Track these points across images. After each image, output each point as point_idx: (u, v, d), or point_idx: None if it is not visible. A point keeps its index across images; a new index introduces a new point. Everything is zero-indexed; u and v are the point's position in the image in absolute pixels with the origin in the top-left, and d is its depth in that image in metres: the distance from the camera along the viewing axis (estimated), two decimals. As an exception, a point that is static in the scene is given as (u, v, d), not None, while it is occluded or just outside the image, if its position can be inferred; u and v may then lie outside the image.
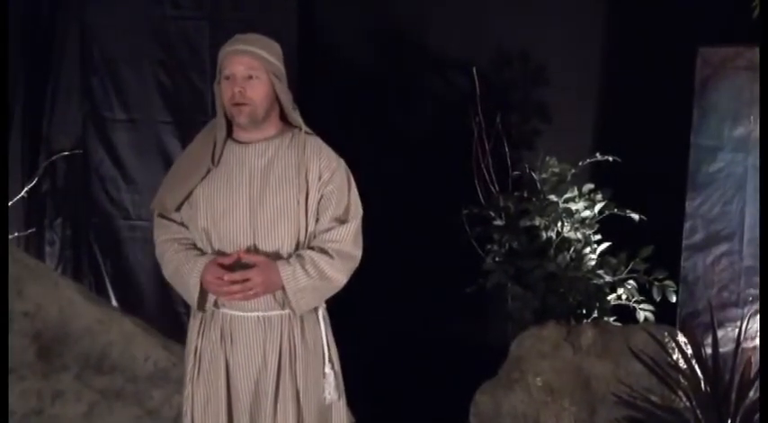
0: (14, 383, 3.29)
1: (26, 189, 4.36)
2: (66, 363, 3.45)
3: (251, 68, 2.55)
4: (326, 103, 4.46)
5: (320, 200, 2.63)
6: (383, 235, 4.06)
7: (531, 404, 3.54)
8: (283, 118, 2.69)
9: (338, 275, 2.61)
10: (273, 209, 2.58)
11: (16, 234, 4.32)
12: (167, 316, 4.39)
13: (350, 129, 4.37)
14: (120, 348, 3.51)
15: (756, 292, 3.71)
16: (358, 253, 2.67)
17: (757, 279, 3.70)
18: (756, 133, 3.68)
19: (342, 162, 2.69)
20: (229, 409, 2.62)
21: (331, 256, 2.58)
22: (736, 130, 3.75)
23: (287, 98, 2.63)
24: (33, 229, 4.46)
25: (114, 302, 4.40)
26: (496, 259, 4.02)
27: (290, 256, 2.58)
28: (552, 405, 3.51)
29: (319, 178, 2.62)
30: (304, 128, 2.66)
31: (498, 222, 4.03)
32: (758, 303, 3.69)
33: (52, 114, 4.49)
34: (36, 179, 4.42)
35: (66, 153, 4.48)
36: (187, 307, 4.37)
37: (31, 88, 4.45)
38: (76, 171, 4.52)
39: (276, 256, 2.58)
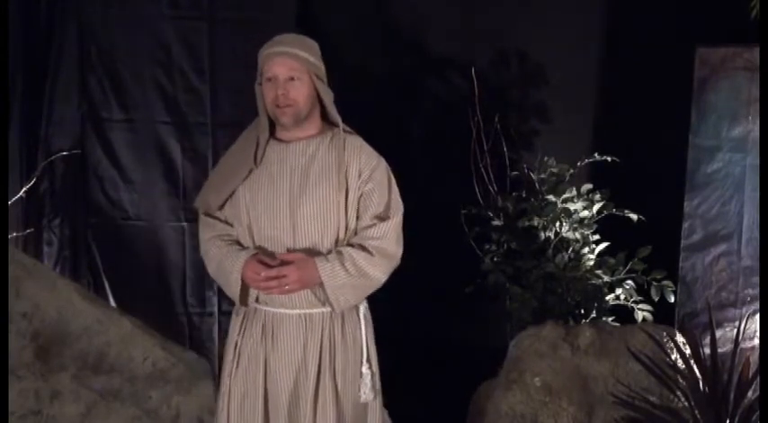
0: (12, 384, 3.28)
1: (24, 189, 4.34)
2: (65, 363, 3.44)
3: (292, 70, 2.59)
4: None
5: (360, 197, 2.65)
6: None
7: (529, 404, 3.53)
8: (323, 117, 2.72)
9: (377, 273, 2.62)
10: (313, 206, 2.60)
11: (14, 234, 4.30)
12: (166, 316, 4.38)
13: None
14: (119, 348, 3.51)
15: (755, 292, 3.71)
16: (399, 251, 2.68)
17: (756, 279, 3.70)
18: (754, 133, 3.68)
19: (382, 160, 2.72)
20: (266, 406, 2.63)
21: (371, 253, 2.60)
22: (735, 131, 3.75)
23: (328, 98, 2.66)
24: (31, 230, 4.44)
25: (112, 302, 4.39)
26: (495, 259, 4.02)
27: (329, 252, 2.60)
28: (550, 405, 3.51)
29: (359, 176, 2.65)
30: (342, 126, 2.68)
31: (497, 222, 4.03)
32: (757, 303, 3.69)
33: (50, 114, 4.47)
34: (34, 179, 4.40)
35: (65, 153, 4.46)
36: (186, 308, 4.42)
37: (30, 88, 4.43)
38: (75, 171, 4.50)
39: (315, 253, 2.60)
